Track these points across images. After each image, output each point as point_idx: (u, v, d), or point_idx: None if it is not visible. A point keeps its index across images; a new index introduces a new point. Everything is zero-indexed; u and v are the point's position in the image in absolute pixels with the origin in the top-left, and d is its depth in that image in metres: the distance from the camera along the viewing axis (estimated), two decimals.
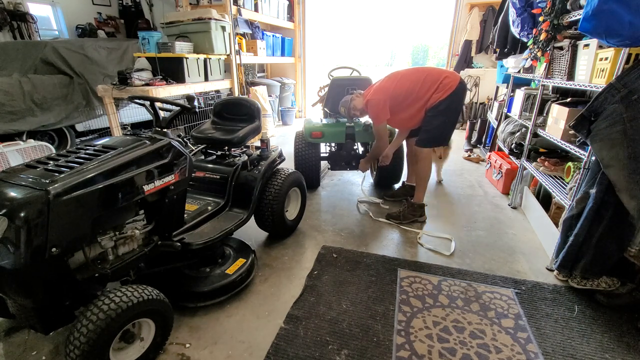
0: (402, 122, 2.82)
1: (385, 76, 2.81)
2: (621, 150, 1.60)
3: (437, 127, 2.65)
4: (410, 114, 2.68)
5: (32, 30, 4.98)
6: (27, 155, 2.73)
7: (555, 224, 2.32)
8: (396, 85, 2.65)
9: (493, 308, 1.84)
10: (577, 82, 2.16)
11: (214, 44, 4.07)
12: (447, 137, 2.77)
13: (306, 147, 3.29)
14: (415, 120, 2.73)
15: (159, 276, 1.82)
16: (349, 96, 2.91)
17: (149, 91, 3.27)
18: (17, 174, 1.29)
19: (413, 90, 2.60)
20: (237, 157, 2.38)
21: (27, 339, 1.62)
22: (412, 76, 2.65)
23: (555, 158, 2.72)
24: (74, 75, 4.15)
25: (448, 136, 2.77)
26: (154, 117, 1.75)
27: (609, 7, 1.52)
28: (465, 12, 6.01)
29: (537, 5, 2.57)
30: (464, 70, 6.06)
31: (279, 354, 1.55)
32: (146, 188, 1.51)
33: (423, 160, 2.77)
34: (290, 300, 1.89)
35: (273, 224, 2.34)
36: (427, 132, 2.70)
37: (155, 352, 1.51)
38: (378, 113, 2.69)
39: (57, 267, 1.27)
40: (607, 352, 1.58)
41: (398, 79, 2.68)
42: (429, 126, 2.67)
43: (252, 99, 2.59)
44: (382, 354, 1.55)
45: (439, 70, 2.73)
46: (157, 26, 6.09)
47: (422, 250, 2.42)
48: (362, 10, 7.55)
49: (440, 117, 2.61)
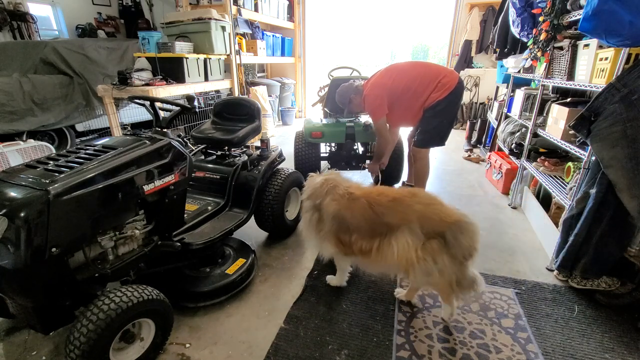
0: (400, 119, 2.79)
1: (383, 69, 2.77)
2: (621, 150, 1.60)
3: (435, 127, 2.64)
4: (409, 111, 2.66)
5: (32, 30, 4.98)
6: (27, 155, 2.72)
7: (555, 224, 2.32)
8: (394, 80, 2.62)
9: (493, 308, 1.84)
10: (577, 82, 2.15)
11: (214, 44, 4.07)
12: (445, 137, 2.76)
13: (306, 147, 3.29)
14: (413, 117, 2.71)
15: (159, 276, 1.82)
16: (345, 85, 2.83)
17: (149, 91, 3.27)
18: (17, 174, 1.29)
19: (411, 87, 2.58)
20: (237, 157, 2.38)
21: (27, 339, 1.62)
22: (410, 72, 2.63)
23: (555, 158, 2.72)
24: (74, 75, 4.15)
25: (446, 136, 2.76)
26: (154, 117, 1.75)
27: (609, 7, 1.52)
28: (465, 12, 6.01)
29: (537, 5, 2.57)
30: (464, 70, 6.06)
31: (279, 354, 1.55)
32: (146, 188, 1.51)
33: (421, 160, 2.77)
34: (290, 300, 1.89)
35: (273, 224, 2.34)
36: (425, 132, 2.69)
37: (155, 352, 1.51)
38: (376, 108, 2.65)
39: (57, 267, 1.27)
40: (607, 352, 1.57)
41: (396, 74, 2.64)
42: (428, 127, 2.66)
43: (252, 99, 2.59)
44: (382, 354, 1.55)
45: (437, 67, 2.71)
46: (157, 26, 6.09)
47: None
48: (362, 10, 7.54)
49: (439, 117, 2.60)
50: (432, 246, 1.48)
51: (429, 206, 1.55)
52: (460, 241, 1.47)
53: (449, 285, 1.55)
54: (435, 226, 1.49)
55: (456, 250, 1.48)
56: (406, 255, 1.50)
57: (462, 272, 1.53)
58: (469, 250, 1.50)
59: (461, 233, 1.47)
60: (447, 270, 1.50)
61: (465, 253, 1.50)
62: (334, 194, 1.73)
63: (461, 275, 1.54)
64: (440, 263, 1.48)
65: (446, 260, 1.49)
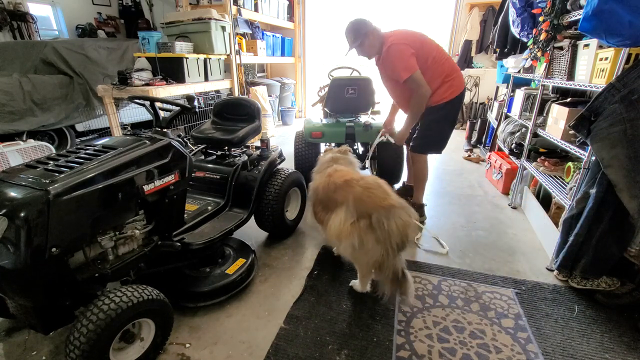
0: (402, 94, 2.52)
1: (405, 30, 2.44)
2: (621, 150, 1.60)
3: (435, 133, 2.57)
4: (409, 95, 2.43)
5: (32, 30, 4.98)
6: (27, 155, 2.73)
7: (555, 224, 2.32)
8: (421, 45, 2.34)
9: (493, 308, 1.84)
10: (577, 82, 2.15)
11: (214, 44, 4.08)
12: (444, 145, 2.63)
13: (306, 147, 3.29)
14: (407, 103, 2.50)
15: (159, 276, 1.82)
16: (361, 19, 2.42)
17: (149, 91, 3.27)
18: (17, 174, 1.29)
19: (428, 66, 2.35)
20: (237, 157, 2.38)
21: (27, 339, 1.62)
22: (432, 51, 2.39)
23: (555, 158, 2.72)
24: (74, 75, 4.15)
25: (445, 144, 2.64)
26: (154, 117, 1.75)
27: (609, 7, 1.52)
28: (465, 12, 6.02)
29: (537, 5, 2.58)
30: (464, 70, 6.06)
31: (279, 354, 1.55)
32: (146, 188, 1.51)
33: (418, 163, 2.73)
34: (290, 300, 1.89)
35: (273, 224, 2.34)
36: (423, 137, 2.60)
37: (155, 352, 1.51)
38: (406, 62, 2.28)
39: (57, 267, 1.27)
40: (607, 352, 1.57)
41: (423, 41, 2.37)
42: (427, 131, 2.57)
43: (252, 99, 2.59)
44: (382, 354, 1.55)
45: (449, 59, 2.47)
46: (157, 26, 6.09)
47: (422, 250, 2.42)
48: (362, 10, 7.53)
49: (441, 123, 2.52)
50: (360, 225, 1.60)
51: (367, 189, 1.67)
52: (383, 225, 1.55)
53: (368, 265, 1.70)
54: (366, 208, 1.61)
55: (381, 234, 1.56)
56: (338, 228, 1.67)
57: (388, 259, 1.61)
58: (399, 237, 1.57)
59: (387, 218, 1.56)
60: (369, 250, 1.60)
61: (394, 240, 1.56)
62: (322, 171, 1.97)
63: (386, 262, 1.61)
64: (365, 242, 1.59)
65: (370, 240, 1.59)
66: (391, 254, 1.59)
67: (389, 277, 1.64)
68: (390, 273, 1.63)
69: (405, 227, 1.58)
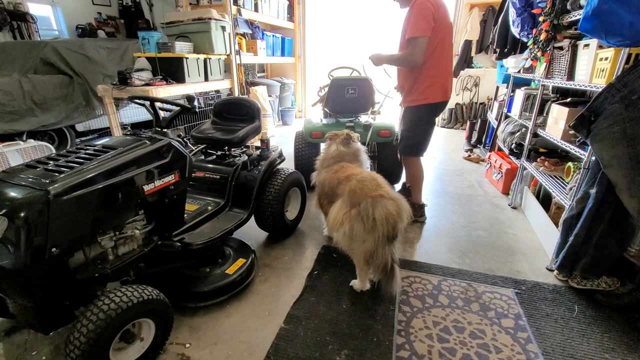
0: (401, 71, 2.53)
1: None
2: (621, 150, 1.60)
3: (419, 133, 2.60)
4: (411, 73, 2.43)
5: (32, 30, 4.98)
6: (27, 155, 2.73)
7: (555, 224, 2.32)
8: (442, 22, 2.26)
9: (493, 308, 1.84)
10: (577, 82, 2.16)
11: (214, 44, 4.07)
12: (424, 148, 2.67)
13: (306, 147, 3.29)
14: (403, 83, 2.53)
15: (159, 276, 1.82)
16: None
17: (149, 91, 3.27)
18: (17, 174, 1.29)
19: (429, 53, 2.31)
20: (237, 157, 2.38)
21: (27, 339, 1.62)
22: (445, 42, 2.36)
23: (555, 158, 2.72)
24: (74, 75, 4.15)
25: (425, 147, 2.67)
26: (154, 117, 1.75)
27: (609, 7, 1.52)
28: (465, 12, 6.02)
29: (537, 5, 2.57)
30: (464, 70, 6.06)
31: (279, 354, 1.55)
32: (146, 188, 1.51)
33: (409, 166, 2.77)
34: (290, 300, 1.89)
35: (273, 224, 2.34)
36: (408, 138, 2.65)
37: (155, 352, 1.51)
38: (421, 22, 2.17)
39: (57, 267, 1.27)
40: (607, 352, 1.58)
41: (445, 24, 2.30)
42: (411, 132, 2.61)
43: (252, 99, 2.59)
44: (382, 354, 1.55)
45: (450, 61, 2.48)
46: (157, 26, 6.09)
47: (422, 250, 2.42)
48: (362, 10, 7.53)
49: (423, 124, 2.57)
50: (351, 214, 1.71)
51: (360, 182, 1.79)
52: (368, 213, 1.63)
53: (362, 256, 1.75)
54: (358, 198, 1.72)
55: (367, 221, 1.64)
56: (334, 217, 1.79)
57: (378, 250, 1.68)
58: (386, 227, 1.63)
59: (373, 206, 1.64)
60: (359, 238, 1.69)
61: (381, 229, 1.63)
62: (329, 167, 2.15)
63: (376, 252, 1.68)
64: (356, 230, 1.68)
65: (359, 229, 1.67)
66: (381, 244, 1.67)
67: (379, 268, 1.73)
68: (380, 263, 1.70)
69: (390, 217, 1.64)
